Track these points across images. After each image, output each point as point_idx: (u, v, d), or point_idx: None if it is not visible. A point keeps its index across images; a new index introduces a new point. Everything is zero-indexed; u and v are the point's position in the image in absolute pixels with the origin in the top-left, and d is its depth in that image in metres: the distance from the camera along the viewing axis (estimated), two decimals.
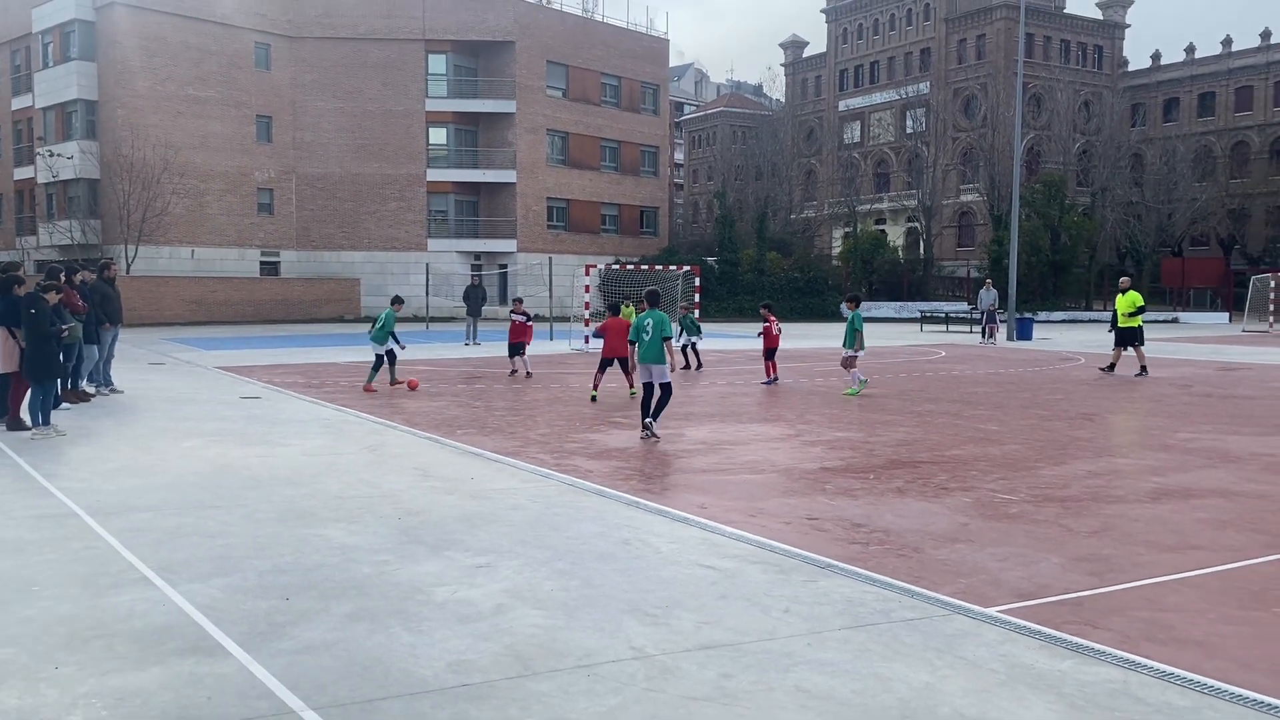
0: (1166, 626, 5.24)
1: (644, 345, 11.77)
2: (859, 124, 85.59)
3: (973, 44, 76.60)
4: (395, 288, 49.44)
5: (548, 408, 14.67)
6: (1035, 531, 7.31)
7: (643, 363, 11.80)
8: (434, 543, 6.80)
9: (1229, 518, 7.76)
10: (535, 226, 52.29)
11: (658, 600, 5.57)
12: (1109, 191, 63.85)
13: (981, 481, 9.18)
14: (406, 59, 50.04)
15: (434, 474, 9.34)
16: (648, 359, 11.74)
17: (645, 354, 11.73)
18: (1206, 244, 69.89)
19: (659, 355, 11.70)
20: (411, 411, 14.00)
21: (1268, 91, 71.53)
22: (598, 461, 10.11)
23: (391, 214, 50.29)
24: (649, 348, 11.71)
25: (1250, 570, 6.31)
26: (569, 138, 54.17)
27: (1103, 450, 11.03)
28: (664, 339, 11.69)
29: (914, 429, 12.60)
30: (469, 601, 5.51)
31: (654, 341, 11.66)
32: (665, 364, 11.76)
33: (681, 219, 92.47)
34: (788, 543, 6.90)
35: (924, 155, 71.57)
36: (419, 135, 50.34)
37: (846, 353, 16.52)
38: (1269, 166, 69.78)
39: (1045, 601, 5.65)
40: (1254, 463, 10.21)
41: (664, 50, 60.22)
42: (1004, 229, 49.09)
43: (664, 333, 11.69)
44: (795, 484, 9.14)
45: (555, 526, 7.31)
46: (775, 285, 54.59)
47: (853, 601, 5.61)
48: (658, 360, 11.70)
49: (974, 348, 29.77)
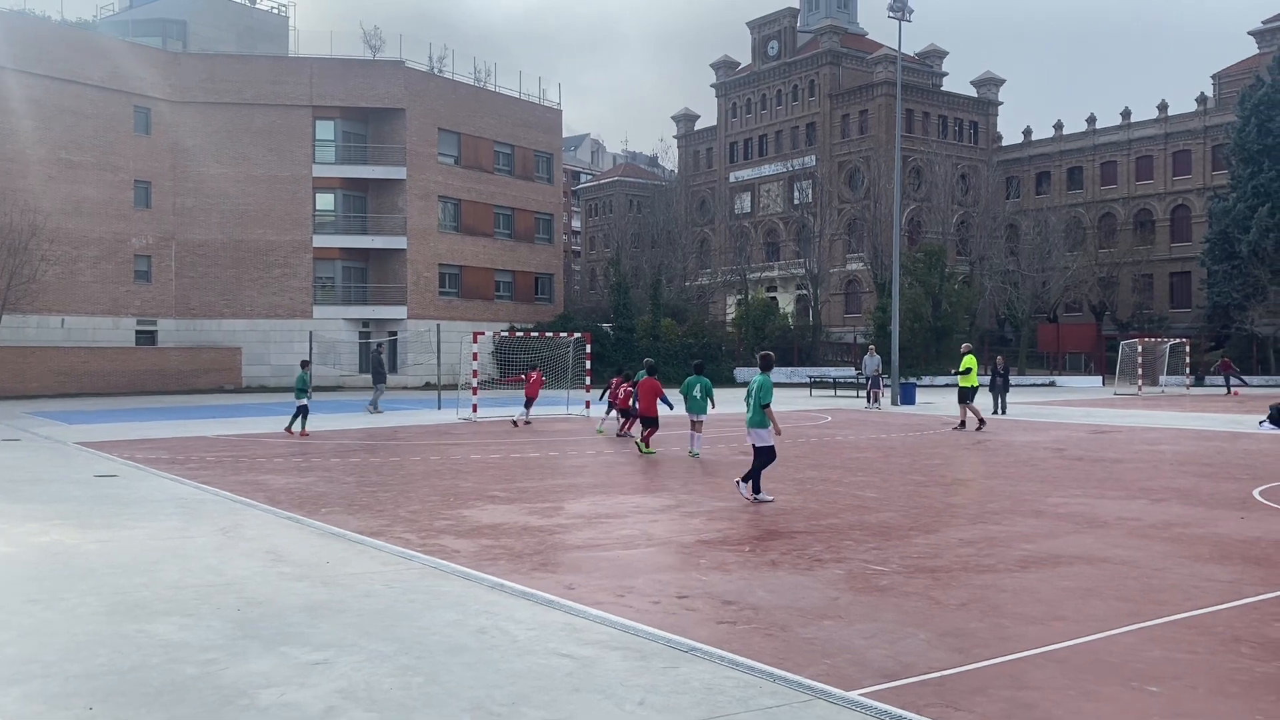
0: (1028, 706, 5.11)
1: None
2: (749, 194, 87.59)
3: (856, 119, 79.43)
4: (279, 356, 48.08)
5: (423, 481, 14.16)
6: (904, 605, 7.18)
7: (749, 427, 12.31)
8: (271, 637, 6.31)
9: (1094, 585, 7.78)
10: (426, 293, 51.60)
11: (505, 696, 5.21)
12: (987, 260, 66.36)
13: (855, 552, 9.08)
14: (293, 125, 49.26)
15: (287, 558, 8.80)
16: (751, 424, 12.22)
17: (749, 419, 12.27)
18: (1079, 311, 73.01)
19: (761, 420, 12.05)
20: (276, 489, 13.34)
21: (1130, 167, 75.79)
22: (466, 540, 9.70)
23: (276, 281, 49.02)
24: (752, 412, 12.18)
25: (1111, 642, 6.27)
26: (461, 204, 53.88)
27: (976, 517, 11.08)
28: (763, 405, 12.00)
29: (794, 496, 12.51)
30: (296, 705, 5.07)
31: (754, 407, 12.11)
32: (766, 428, 12.08)
33: (578, 285, 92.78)
34: (653, 624, 6.62)
35: (811, 225, 73.45)
36: (305, 201, 49.39)
37: None
38: (1134, 237, 73.60)
39: (908, 682, 5.48)
40: (1120, 527, 10.37)
41: (557, 120, 60.71)
42: (888, 296, 50.42)
43: (763, 399, 12.01)
44: (670, 559, 8.89)
45: (407, 615, 6.88)
46: (670, 351, 54.84)
47: (711, 689, 5.35)
48: (760, 424, 12.08)
49: (859, 412, 30.19)
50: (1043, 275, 65.50)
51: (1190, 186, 72.71)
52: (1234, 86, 69.56)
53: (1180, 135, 73.38)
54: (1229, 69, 74.04)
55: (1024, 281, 65.20)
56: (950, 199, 71.82)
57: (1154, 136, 74.54)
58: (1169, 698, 5.24)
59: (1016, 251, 67.46)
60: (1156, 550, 9.17)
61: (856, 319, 72.31)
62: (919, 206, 73.39)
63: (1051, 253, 66.35)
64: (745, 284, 69.95)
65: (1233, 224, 60.67)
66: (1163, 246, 73.35)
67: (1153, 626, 6.60)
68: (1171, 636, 6.38)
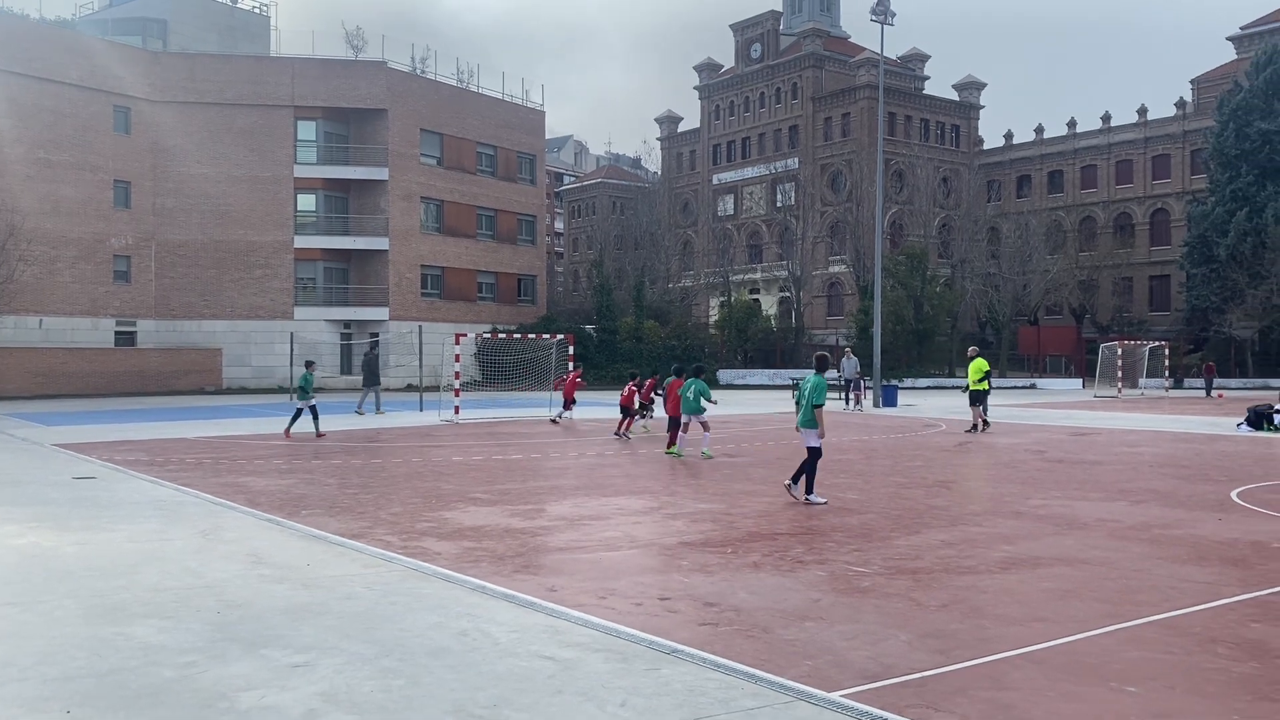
0: (1007, 707, 5.14)
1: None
2: (732, 197, 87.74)
3: (838, 122, 79.71)
4: (260, 357, 47.82)
5: (405, 483, 14.12)
6: (885, 606, 7.21)
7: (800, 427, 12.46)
8: (251, 639, 6.27)
9: (1073, 586, 7.83)
10: (408, 294, 51.43)
11: (486, 699, 5.20)
12: (968, 263, 66.67)
13: (837, 554, 9.10)
14: (275, 125, 49.00)
15: (267, 560, 8.75)
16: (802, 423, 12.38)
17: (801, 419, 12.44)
18: (1060, 313, 73.47)
19: (812, 420, 12.23)
20: (256, 491, 13.26)
21: (1110, 170, 76.35)
22: (448, 543, 9.67)
23: (257, 281, 48.74)
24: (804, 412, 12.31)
25: (1090, 642, 6.31)
26: (444, 205, 53.74)
27: (957, 519, 11.13)
28: (815, 406, 12.18)
29: (776, 499, 12.54)
30: (277, 708, 5.04)
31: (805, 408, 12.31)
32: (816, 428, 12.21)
33: (561, 287, 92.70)
34: (636, 626, 6.62)
35: (793, 228, 73.64)
36: (287, 202, 49.15)
37: None
38: (1114, 240, 74.15)
39: (890, 683, 5.50)
40: (1099, 529, 10.44)
41: (540, 121, 60.65)
42: (870, 299, 50.60)
43: (816, 400, 12.19)
44: (652, 560, 8.90)
45: (389, 618, 6.86)
46: (653, 353, 54.86)
47: (693, 690, 5.36)
48: (811, 424, 12.25)
49: (839, 414, 30.26)
50: (1023, 278, 65.88)
51: (1169, 190, 73.31)
52: (1213, 91, 70.17)
53: (1159, 139, 73.98)
54: (1208, 74, 74.68)
55: (1005, 284, 65.55)
56: (932, 202, 72.16)
57: (1134, 140, 75.12)
58: (1147, 698, 5.28)
59: (997, 254, 67.82)
60: (1135, 552, 9.24)
61: (839, 321, 72.55)
62: (901, 209, 73.69)
63: (1032, 256, 66.73)
64: (728, 286, 70.04)
65: (1211, 228, 61.19)
66: (1142, 250, 73.92)
67: (1131, 627, 6.65)
68: (1150, 637, 6.43)
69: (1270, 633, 6.52)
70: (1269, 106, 59.68)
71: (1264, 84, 60.14)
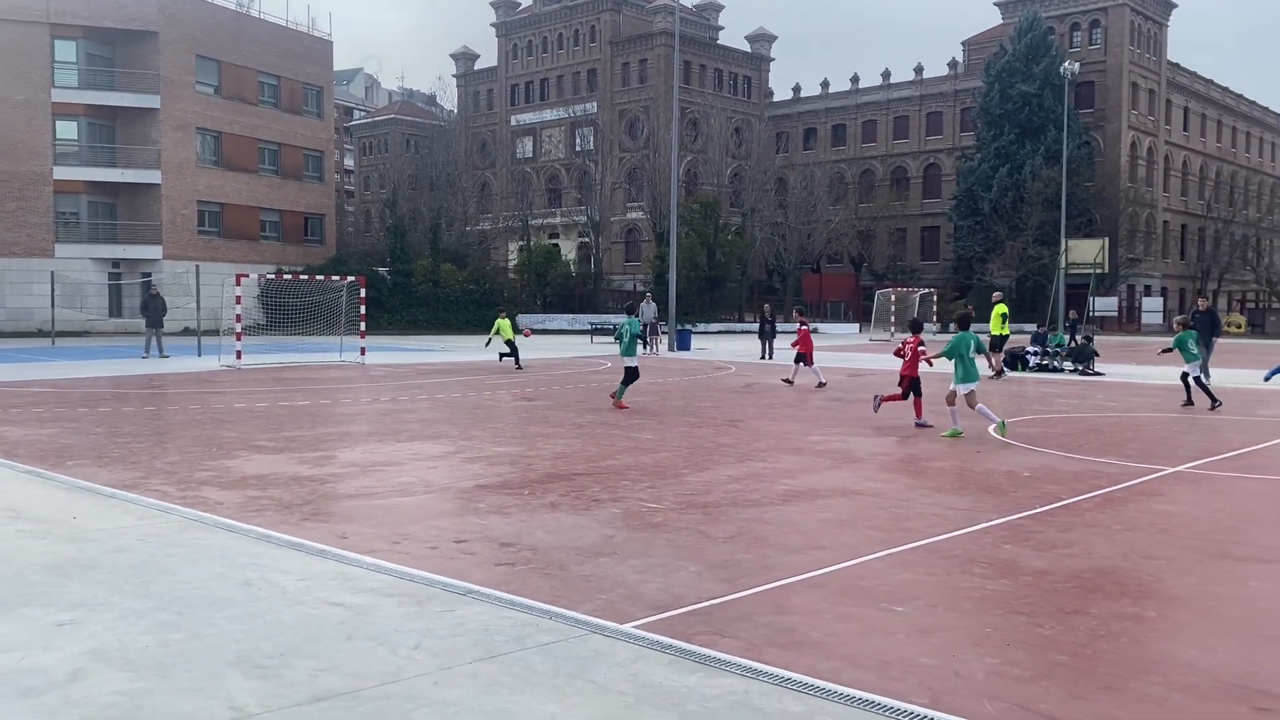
0: (788, 630, 5.43)
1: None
2: (531, 139, 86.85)
3: (636, 68, 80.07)
4: (15, 298, 43.90)
5: (182, 431, 13.37)
6: (676, 540, 7.45)
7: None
8: (9, 599, 5.81)
9: (848, 516, 8.34)
10: (184, 231, 48.31)
11: (272, 649, 5.04)
12: (758, 212, 68.93)
13: (631, 491, 9.31)
14: (29, 43, 44.54)
15: (26, 514, 8.11)
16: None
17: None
18: (840, 261, 77.27)
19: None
20: (13, 441, 12.23)
21: (888, 126, 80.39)
22: (231, 492, 9.24)
23: (10, 215, 44.52)
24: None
25: (864, 567, 6.76)
26: (222, 137, 50.60)
27: (744, 455, 11.60)
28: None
29: (573, 440, 12.67)
30: (39, 669, 4.71)
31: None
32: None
33: (352, 228, 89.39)
34: (431, 570, 6.57)
35: (592, 173, 73.80)
36: (44, 128, 44.96)
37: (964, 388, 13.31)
38: (890, 193, 78.40)
39: (679, 613, 5.71)
40: (871, 462, 11.14)
41: (328, 51, 57.87)
42: (666, 245, 51.53)
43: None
44: (447, 505, 8.82)
45: (166, 570, 6.51)
46: (450, 297, 53.98)
47: (489, 630, 5.38)
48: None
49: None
50: (808, 228, 68.73)
51: (941, 146, 78.01)
52: (981, 54, 74.89)
53: (933, 98, 78.42)
54: (977, 36, 79.58)
55: (791, 233, 68.19)
56: (725, 152, 73.91)
57: (910, 98, 79.30)
58: (912, 616, 5.71)
59: (785, 204, 70.41)
60: (904, 483, 9.93)
61: (637, 267, 73.56)
62: (695, 158, 75.11)
63: (816, 206, 69.66)
64: (527, 230, 69.58)
65: (977, 183, 65.66)
66: (915, 202, 78.53)
67: (900, 552, 7.15)
68: (916, 561, 6.94)
69: (1019, 553, 7.17)
70: (1029, 70, 64.30)
71: (1025, 49, 64.66)
